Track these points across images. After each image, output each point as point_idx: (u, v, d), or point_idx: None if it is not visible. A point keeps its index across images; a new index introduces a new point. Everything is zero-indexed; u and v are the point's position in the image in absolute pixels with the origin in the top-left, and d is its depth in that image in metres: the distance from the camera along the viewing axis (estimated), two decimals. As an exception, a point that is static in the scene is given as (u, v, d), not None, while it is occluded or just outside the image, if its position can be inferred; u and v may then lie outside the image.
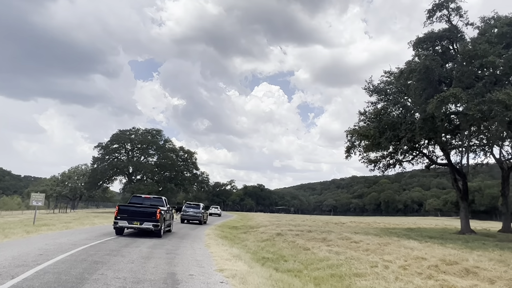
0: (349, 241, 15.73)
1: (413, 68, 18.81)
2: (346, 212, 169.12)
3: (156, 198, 18.35)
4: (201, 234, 19.38)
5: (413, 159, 26.42)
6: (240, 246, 14.90)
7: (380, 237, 17.60)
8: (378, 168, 27.20)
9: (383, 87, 24.57)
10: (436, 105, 17.21)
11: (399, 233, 21.40)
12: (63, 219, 25.21)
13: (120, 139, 61.46)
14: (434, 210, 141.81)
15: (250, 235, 21.28)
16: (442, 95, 17.15)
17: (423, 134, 19.81)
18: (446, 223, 46.41)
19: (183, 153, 67.25)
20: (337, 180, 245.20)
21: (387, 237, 17.75)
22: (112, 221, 15.55)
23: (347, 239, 16.31)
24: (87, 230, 17.69)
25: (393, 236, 18.74)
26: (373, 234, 19.73)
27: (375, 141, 21.39)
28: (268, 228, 24.13)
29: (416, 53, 20.67)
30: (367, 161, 26.44)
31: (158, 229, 15.11)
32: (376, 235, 18.90)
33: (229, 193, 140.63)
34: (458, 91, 16.60)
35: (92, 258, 9.00)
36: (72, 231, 16.74)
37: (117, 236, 15.02)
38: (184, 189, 66.39)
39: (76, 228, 18.64)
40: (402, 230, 25.52)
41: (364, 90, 24.50)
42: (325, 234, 19.00)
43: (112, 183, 66.20)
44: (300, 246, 14.58)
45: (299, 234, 19.55)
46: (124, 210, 15.11)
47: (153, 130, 65.77)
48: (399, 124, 20.75)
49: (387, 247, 13.62)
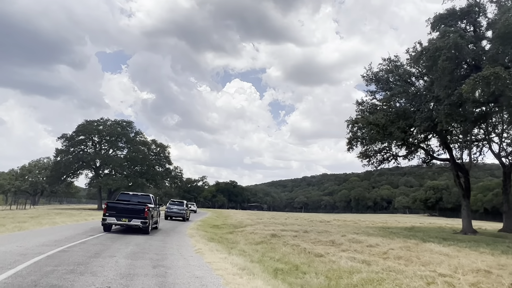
0: (362, 244, 13.50)
1: (439, 46, 16.72)
2: (317, 209, 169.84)
3: (144, 196, 18.48)
4: (184, 235, 16.65)
5: (410, 154, 24.64)
6: (236, 252, 12.33)
7: (391, 239, 15.53)
8: (372, 163, 25.33)
9: (383, 75, 22.61)
10: (472, 86, 15.19)
11: (404, 234, 19.43)
12: (19, 217, 21.58)
13: (87, 130, 56.83)
14: (402, 208, 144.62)
15: (238, 236, 18.71)
16: (481, 74, 15.22)
17: (450, 122, 17.84)
18: (432, 221, 45.64)
19: (156, 146, 63.42)
20: (308, 178, 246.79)
21: (399, 239, 15.71)
22: (78, 219, 16.73)
23: (358, 242, 14.09)
24: (45, 232, 14.49)
25: (403, 238, 16.72)
26: (379, 235, 17.68)
27: (386, 131, 19.29)
28: (257, 228, 21.63)
29: (439, 30, 18.45)
30: (362, 156, 24.49)
31: (146, 226, 15.26)
32: (383, 236, 16.84)
33: (200, 190, 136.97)
34: (500, 70, 14.70)
35: (47, 281, 6.13)
36: (26, 234, 13.51)
37: (84, 240, 12.08)
38: (155, 184, 62.59)
39: (32, 229, 15.33)
40: (401, 230, 23.70)
41: (362, 78, 22.53)
42: (326, 235, 16.76)
43: (77, 177, 61.47)
44: (309, 252, 12.18)
45: (297, 235, 17.19)
46: (112, 207, 15.32)
47: (123, 121, 61.52)
48: (411, 113, 18.77)
49: (414, 252, 11.47)
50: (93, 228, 16.82)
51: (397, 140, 20.76)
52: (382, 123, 19.01)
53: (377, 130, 19.42)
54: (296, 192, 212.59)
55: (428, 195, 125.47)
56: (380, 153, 24.69)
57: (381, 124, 19.08)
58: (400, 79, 21.39)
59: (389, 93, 20.42)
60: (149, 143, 63.01)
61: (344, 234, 17.16)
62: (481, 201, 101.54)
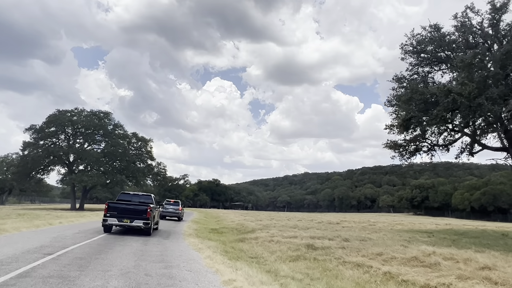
0: (459, 263, 9.08)
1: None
2: (299, 208, 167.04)
3: (145, 196, 17.89)
4: (190, 249, 11.88)
5: (452, 143, 20.44)
6: (272, 276, 7.69)
7: (480, 252, 11.16)
8: (402, 155, 21.09)
9: (425, 47, 18.36)
10: None
11: (475, 242, 15.03)
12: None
13: (59, 121, 50.45)
14: (387, 207, 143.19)
15: (254, 245, 14.07)
16: None
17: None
18: (446, 222, 41.92)
19: (137, 140, 57.56)
20: (290, 177, 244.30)
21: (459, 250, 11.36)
22: (40, 223, 15.44)
23: (449, 259, 9.64)
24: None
25: (495, 249, 12.36)
26: (452, 244, 13.34)
27: (473, 103, 14.48)
28: (272, 234, 16.96)
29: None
30: (391, 146, 20.25)
31: (148, 227, 14.85)
32: (463, 247, 12.46)
33: (182, 188, 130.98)
34: None
35: None
36: None
37: (30, 266, 7.13)
38: (136, 181, 56.77)
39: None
40: (450, 234, 19.26)
41: (401, 50, 18.23)
42: (378, 245, 12.31)
43: (47, 174, 54.89)
44: (404, 280, 7.63)
45: (341, 245, 12.64)
46: (113, 207, 14.88)
47: (100, 112, 55.34)
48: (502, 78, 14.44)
49: None
50: (56, 239, 11.83)
51: (490, 114, 16.16)
52: (468, 90, 14.47)
53: (460, 101, 14.59)
54: (278, 191, 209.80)
55: (414, 194, 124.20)
56: (414, 142, 20.51)
57: (467, 93, 14.53)
58: (465, 43, 16.77)
59: (470, 53, 15.72)
60: (130, 137, 57.15)
61: (404, 244, 12.73)
62: (468, 200, 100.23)
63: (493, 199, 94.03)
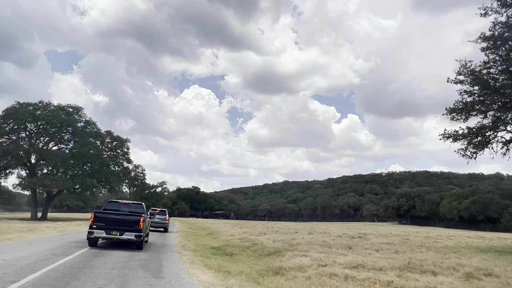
0: None
1: None
2: (281, 217, 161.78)
3: (136, 204, 16.36)
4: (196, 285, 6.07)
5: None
6: None
7: None
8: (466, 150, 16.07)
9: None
10: None
11: None
12: None
13: (19, 116, 43.03)
14: (371, 216, 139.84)
15: (304, 284, 8.37)
16: None
17: None
18: (449, 233, 37.06)
19: (111, 139, 50.56)
20: (270, 185, 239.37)
21: None
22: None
23: None
24: None
25: None
26: None
27: None
28: (315, 259, 11.25)
29: None
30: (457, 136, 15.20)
31: (140, 240, 13.34)
32: None
33: (160, 196, 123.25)
34: None
35: None
36: None
37: None
38: (110, 187, 49.56)
39: None
40: (484, 250, 14.04)
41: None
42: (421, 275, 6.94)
43: (5, 177, 47.08)
44: None
45: None
46: (101, 218, 13.25)
47: (69, 107, 48.23)
48: None
49: None
50: None
51: None
52: None
53: None
54: (259, 200, 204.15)
55: (400, 203, 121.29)
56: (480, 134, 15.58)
57: None
58: None
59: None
60: (104, 136, 50.10)
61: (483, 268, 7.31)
62: (456, 209, 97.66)
63: (483, 208, 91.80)
